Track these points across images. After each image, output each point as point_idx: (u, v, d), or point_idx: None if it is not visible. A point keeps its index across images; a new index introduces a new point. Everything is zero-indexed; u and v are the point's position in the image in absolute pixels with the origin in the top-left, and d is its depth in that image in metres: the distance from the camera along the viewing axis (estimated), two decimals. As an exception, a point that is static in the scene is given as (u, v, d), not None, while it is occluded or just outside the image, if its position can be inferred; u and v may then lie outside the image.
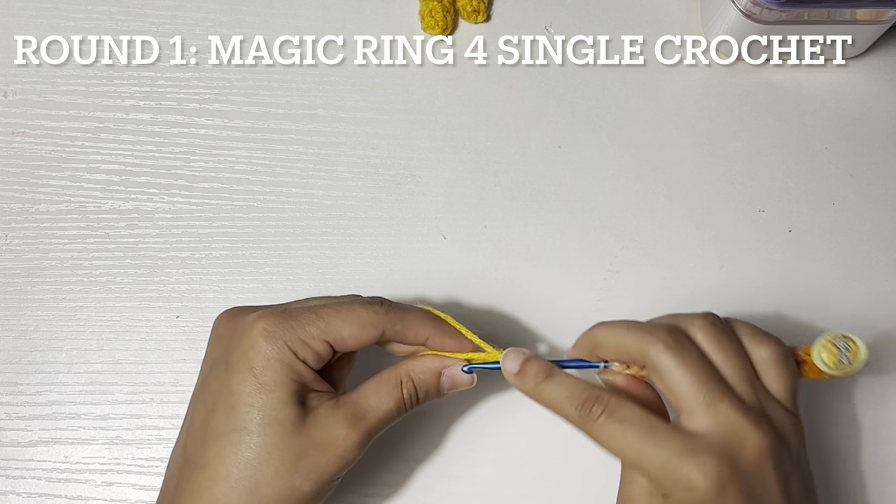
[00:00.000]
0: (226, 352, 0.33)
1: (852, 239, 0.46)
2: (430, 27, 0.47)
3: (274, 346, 0.32)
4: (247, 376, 0.32)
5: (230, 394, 0.32)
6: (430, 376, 0.36)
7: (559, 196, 0.46)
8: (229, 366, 0.33)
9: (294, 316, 0.33)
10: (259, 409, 0.32)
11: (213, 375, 0.34)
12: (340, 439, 0.33)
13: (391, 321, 0.34)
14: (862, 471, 0.42)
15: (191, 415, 0.34)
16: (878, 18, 0.45)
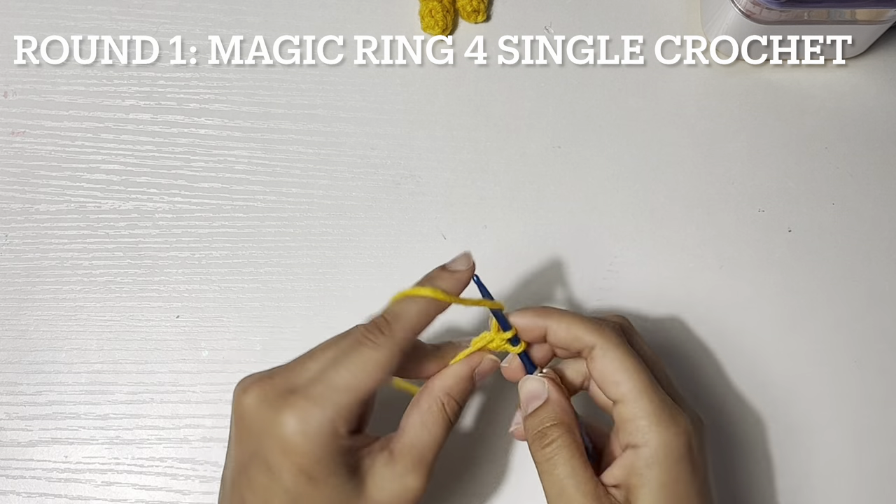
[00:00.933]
0: (260, 448, 0.31)
1: (852, 239, 0.46)
2: (430, 27, 0.47)
3: (312, 442, 0.31)
4: (297, 475, 0.31)
5: (285, 492, 0.31)
6: (466, 384, 0.35)
7: (559, 196, 0.46)
8: (271, 466, 0.31)
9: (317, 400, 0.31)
10: (322, 501, 0.31)
11: (256, 468, 0.32)
12: (409, 490, 0.32)
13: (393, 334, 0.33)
14: (862, 471, 0.42)
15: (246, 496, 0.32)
16: (878, 18, 0.45)
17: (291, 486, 0.31)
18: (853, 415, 0.43)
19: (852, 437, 0.42)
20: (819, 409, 0.43)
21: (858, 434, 0.42)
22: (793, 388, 0.43)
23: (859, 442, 0.42)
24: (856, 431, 0.43)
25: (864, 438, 0.42)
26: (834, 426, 0.43)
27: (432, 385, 0.35)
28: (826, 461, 0.42)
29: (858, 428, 0.43)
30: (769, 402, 0.43)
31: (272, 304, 0.44)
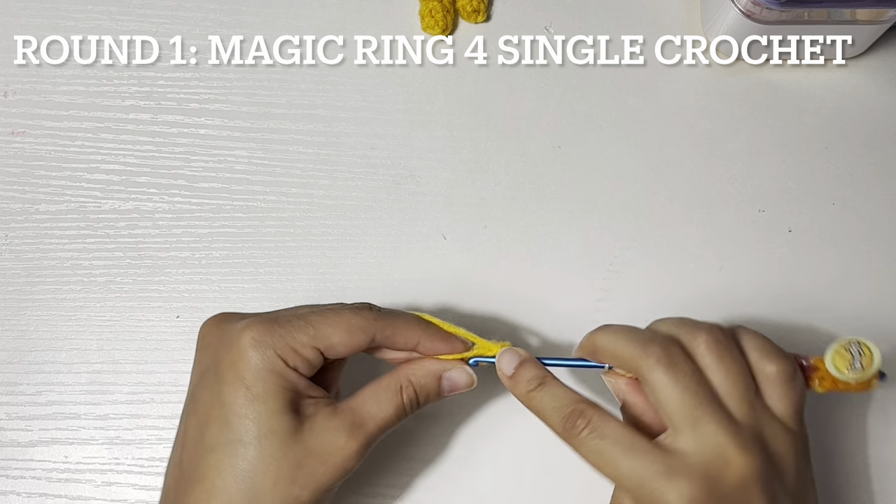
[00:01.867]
0: (214, 362, 0.33)
1: (852, 239, 0.46)
2: (430, 27, 0.47)
3: (263, 356, 0.32)
4: (238, 388, 0.32)
5: (222, 405, 0.32)
6: (431, 380, 0.35)
7: (559, 196, 0.46)
8: (219, 377, 0.32)
9: (282, 324, 0.33)
10: (253, 421, 0.31)
11: (202, 385, 0.33)
12: (339, 448, 0.32)
13: (380, 326, 0.34)
14: (863, 472, 0.42)
15: (184, 426, 0.33)
16: (878, 18, 0.45)
17: (230, 399, 0.32)
18: (853, 415, 0.43)
19: (852, 437, 0.42)
20: (819, 410, 0.43)
21: (858, 434, 0.42)
22: (793, 388, 0.43)
23: (859, 442, 0.42)
24: (856, 431, 0.43)
25: (864, 438, 0.42)
26: (834, 426, 0.43)
27: (402, 368, 0.35)
28: (826, 461, 0.42)
29: (858, 428, 0.43)
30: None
31: (272, 304, 0.44)
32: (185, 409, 0.34)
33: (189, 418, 0.33)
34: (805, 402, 0.34)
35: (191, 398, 0.34)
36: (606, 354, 0.35)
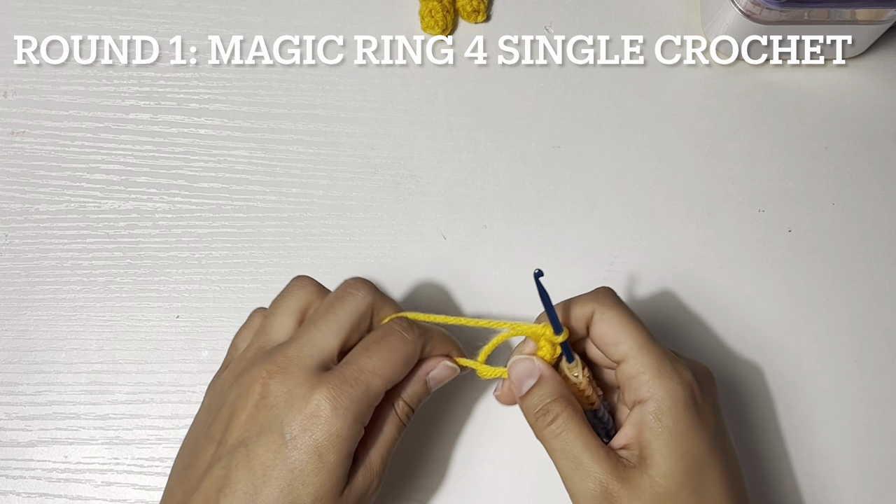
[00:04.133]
0: (276, 423, 0.32)
1: (852, 239, 0.46)
2: (430, 27, 0.47)
3: (344, 423, 0.31)
4: (311, 455, 0.31)
5: (289, 471, 0.31)
6: (419, 387, 0.36)
7: (559, 196, 0.46)
8: (286, 441, 0.31)
9: (353, 383, 0.32)
10: (318, 487, 0.31)
11: (264, 444, 0.31)
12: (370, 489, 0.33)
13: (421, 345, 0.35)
14: (862, 471, 0.42)
15: (232, 474, 0.31)
16: (878, 18, 0.45)
17: (298, 465, 0.31)
18: (853, 415, 0.43)
19: (852, 437, 0.42)
20: (819, 409, 0.43)
21: (858, 434, 0.42)
22: (793, 388, 0.43)
23: (859, 442, 0.42)
24: (856, 431, 0.43)
25: (864, 438, 0.42)
26: (834, 426, 0.43)
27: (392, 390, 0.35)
28: (826, 461, 0.42)
29: (858, 428, 0.43)
30: (769, 402, 0.43)
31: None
32: (235, 456, 0.32)
33: (239, 469, 0.31)
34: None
35: (244, 449, 0.32)
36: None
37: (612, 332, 0.34)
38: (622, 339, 0.34)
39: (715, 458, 0.33)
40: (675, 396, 0.32)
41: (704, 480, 0.32)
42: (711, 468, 0.33)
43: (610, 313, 0.34)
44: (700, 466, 0.32)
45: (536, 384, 0.34)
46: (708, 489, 0.32)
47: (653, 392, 0.32)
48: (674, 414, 0.32)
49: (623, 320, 0.34)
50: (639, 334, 0.34)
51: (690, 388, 0.33)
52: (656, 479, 0.32)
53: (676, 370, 0.33)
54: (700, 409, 0.33)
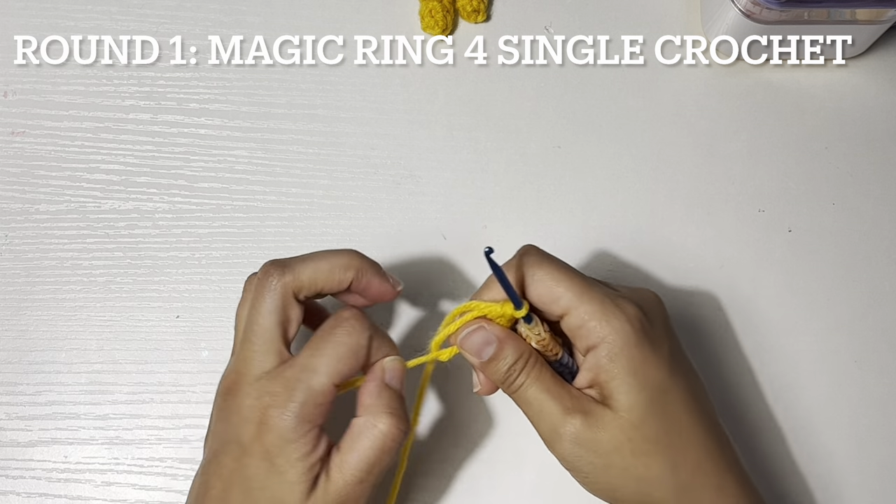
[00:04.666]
0: (238, 432, 0.33)
1: (852, 239, 0.46)
2: (430, 27, 0.47)
3: (288, 426, 0.32)
4: (263, 461, 0.32)
5: (246, 478, 0.32)
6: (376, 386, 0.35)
7: (559, 196, 0.46)
8: (244, 450, 0.33)
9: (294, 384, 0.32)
10: (273, 492, 0.32)
11: (226, 452, 0.33)
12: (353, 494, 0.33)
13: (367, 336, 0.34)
14: (863, 471, 0.42)
15: (205, 484, 0.34)
16: (878, 18, 0.45)
17: (253, 471, 0.32)
18: (853, 415, 0.43)
19: (852, 437, 0.42)
20: (819, 409, 0.43)
21: (858, 434, 0.42)
22: (793, 388, 0.43)
23: (859, 442, 0.42)
24: (856, 431, 0.43)
25: (864, 438, 0.42)
26: (834, 426, 0.43)
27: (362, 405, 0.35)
28: (826, 461, 0.42)
29: (858, 428, 0.43)
30: (769, 402, 0.43)
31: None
32: (206, 466, 0.34)
33: (213, 478, 0.33)
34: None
35: (215, 459, 0.34)
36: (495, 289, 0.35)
37: (547, 290, 0.34)
38: (558, 293, 0.33)
39: (675, 381, 0.33)
40: (625, 334, 0.32)
41: (669, 405, 0.33)
42: (674, 391, 0.33)
43: (539, 272, 0.34)
44: (662, 393, 0.33)
45: (497, 350, 0.34)
46: (673, 411, 0.33)
47: (602, 336, 0.33)
48: (626, 352, 0.32)
49: (554, 275, 0.34)
50: (573, 284, 0.33)
51: (639, 321, 0.33)
52: (620, 414, 0.32)
53: (620, 308, 0.33)
54: (652, 339, 0.33)
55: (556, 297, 0.33)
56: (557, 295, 0.33)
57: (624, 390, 0.32)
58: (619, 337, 0.32)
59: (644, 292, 0.36)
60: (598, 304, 0.33)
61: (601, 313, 0.33)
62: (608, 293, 0.34)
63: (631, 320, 0.33)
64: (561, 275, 0.34)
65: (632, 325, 0.33)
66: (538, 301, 0.34)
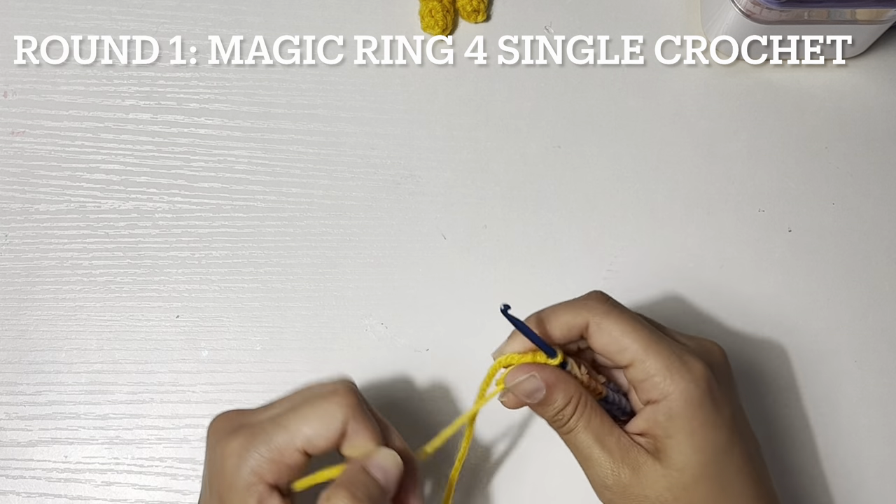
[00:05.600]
0: (207, 478, 0.33)
1: (852, 239, 0.46)
2: (430, 27, 0.47)
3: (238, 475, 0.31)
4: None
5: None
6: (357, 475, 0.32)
7: (559, 196, 0.46)
8: (210, 492, 0.32)
9: (257, 434, 0.31)
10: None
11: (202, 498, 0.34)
12: None
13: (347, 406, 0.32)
14: (862, 471, 0.42)
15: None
16: (878, 18, 0.45)
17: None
18: (853, 415, 0.43)
19: (852, 437, 0.42)
20: (819, 409, 0.43)
21: (858, 434, 0.42)
22: (793, 388, 0.43)
23: (859, 442, 0.42)
24: (856, 431, 0.43)
25: (864, 438, 0.42)
26: (834, 426, 0.43)
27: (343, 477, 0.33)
28: (826, 461, 0.42)
29: (858, 428, 0.43)
30: (769, 402, 0.43)
31: (272, 304, 0.44)
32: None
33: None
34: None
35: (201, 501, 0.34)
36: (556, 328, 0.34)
37: (613, 340, 0.33)
38: (625, 345, 0.33)
39: (734, 445, 0.33)
40: (689, 396, 0.32)
41: (724, 468, 0.32)
42: (730, 455, 0.32)
43: (606, 322, 0.33)
44: (718, 455, 0.32)
45: (547, 395, 0.33)
46: (727, 475, 0.32)
47: (665, 393, 0.32)
48: (688, 413, 0.32)
49: (622, 326, 0.33)
50: (640, 336, 0.33)
51: (706, 383, 0.32)
52: (672, 472, 0.32)
53: (687, 367, 0.32)
54: (716, 400, 0.32)
55: (623, 347, 0.33)
56: (623, 346, 0.33)
57: (679, 450, 0.32)
58: (683, 396, 0.32)
59: (711, 347, 0.35)
60: (664, 360, 0.32)
61: (667, 369, 0.32)
62: (675, 349, 0.33)
63: (697, 380, 0.32)
64: (627, 326, 0.33)
65: (697, 386, 0.32)
66: (603, 350, 0.34)
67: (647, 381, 0.32)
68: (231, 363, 0.43)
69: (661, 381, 0.32)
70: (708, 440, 0.32)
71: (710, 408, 0.32)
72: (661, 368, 0.32)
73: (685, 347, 0.33)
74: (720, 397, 0.33)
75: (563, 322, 0.34)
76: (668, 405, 0.32)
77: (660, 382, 0.32)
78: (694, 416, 0.32)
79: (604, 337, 0.33)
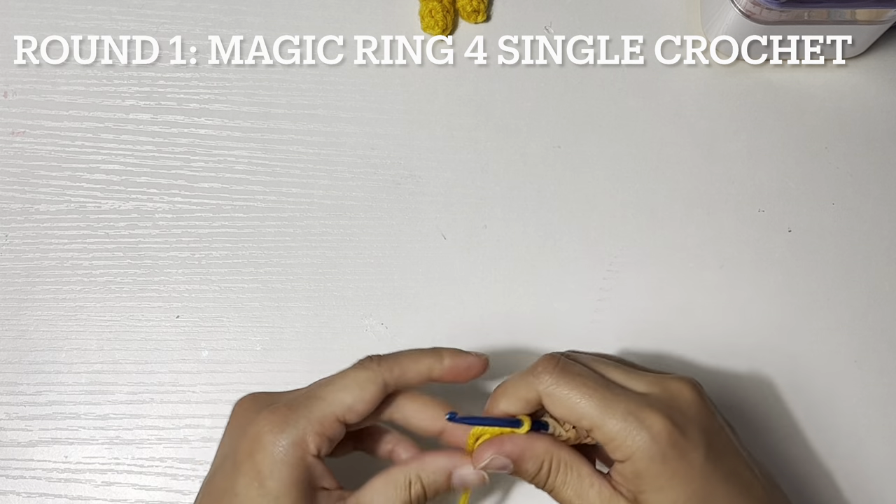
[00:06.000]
0: (233, 449, 0.33)
1: (852, 239, 0.46)
2: (430, 27, 0.47)
3: (281, 448, 0.31)
4: (252, 481, 0.31)
5: (234, 495, 0.32)
6: (441, 477, 0.34)
7: (559, 196, 0.46)
8: (236, 465, 0.32)
9: (296, 408, 0.32)
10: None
11: (221, 471, 0.33)
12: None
13: (386, 368, 0.34)
14: (862, 471, 0.42)
15: (200, 499, 0.34)
16: (878, 18, 0.45)
17: (242, 492, 0.31)
18: (853, 415, 0.43)
19: (852, 437, 0.42)
20: (819, 409, 0.43)
21: (858, 434, 0.42)
22: (792, 388, 0.43)
23: (859, 442, 0.42)
24: (856, 431, 0.43)
25: (864, 438, 0.42)
26: (834, 426, 0.43)
27: (412, 460, 0.35)
28: (826, 461, 0.42)
29: (858, 428, 0.43)
30: (768, 402, 0.43)
31: (272, 304, 0.44)
32: (203, 485, 0.34)
33: (204, 498, 0.33)
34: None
35: (209, 478, 0.34)
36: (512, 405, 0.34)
37: (568, 410, 0.33)
38: (580, 412, 0.32)
39: (712, 489, 0.32)
40: (650, 454, 0.31)
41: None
42: (711, 497, 0.32)
43: (557, 391, 0.33)
44: (697, 501, 0.32)
45: (516, 467, 0.34)
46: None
47: (627, 454, 0.32)
48: (652, 471, 0.32)
49: (572, 396, 0.33)
50: (593, 401, 0.32)
51: (665, 435, 0.32)
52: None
53: (644, 424, 0.31)
54: (682, 448, 0.32)
55: (579, 415, 0.33)
56: (579, 413, 0.33)
57: (654, 501, 0.32)
58: (644, 455, 0.31)
59: (678, 389, 0.34)
60: (620, 421, 0.32)
61: (625, 431, 0.32)
62: (631, 406, 0.32)
63: (656, 437, 0.31)
64: (579, 392, 0.32)
65: (656, 442, 0.31)
66: (562, 419, 0.34)
67: (610, 444, 0.32)
68: (231, 363, 0.43)
69: (622, 443, 0.32)
70: (679, 493, 0.32)
71: (676, 459, 0.32)
72: (619, 431, 0.32)
73: (644, 400, 0.32)
74: (687, 445, 0.32)
75: (519, 398, 0.34)
76: (633, 465, 0.32)
77: (620, 445, 0.32)
78: (660, 473, 0.32)
79: (558, 408, 0.33)
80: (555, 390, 0.33)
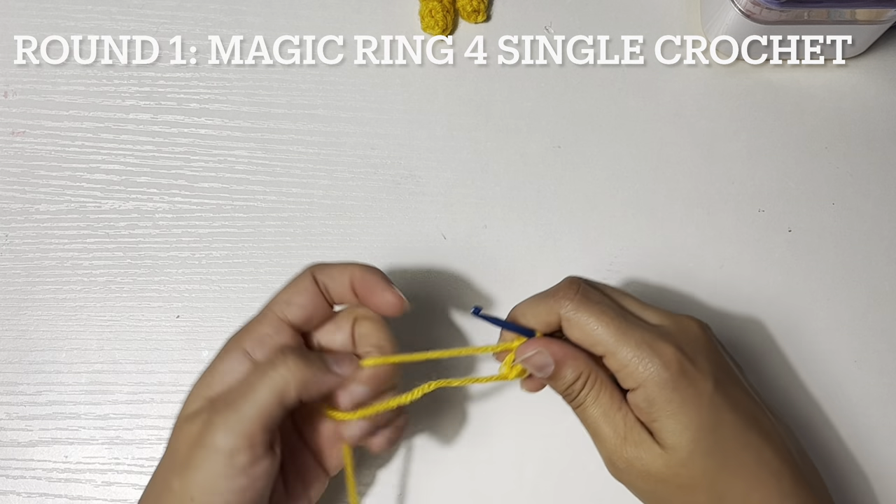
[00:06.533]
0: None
1: (852, 239, 0.46)
2: (430, 27, 0.48)
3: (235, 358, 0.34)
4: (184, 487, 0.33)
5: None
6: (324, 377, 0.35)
7: (559, 196, 0.46)
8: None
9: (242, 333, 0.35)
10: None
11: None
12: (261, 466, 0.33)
13: (318, 268, 0.36)
14: (863, 472, 0.42)
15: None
16: (878, 18, 0.45)
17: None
18: (853, 415, 0.43)
19: (852, 437, 0.42)
20: (819, 409, 0.43)
21: (858, 434, 0.42)
22: (792, 388, 0.43)
23: (859, 442, 0.42)
24: (856, 431, 0.43)
25: (864, 438, 0.42)
26: (834, 426, 0.43)
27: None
28: (826, 461, 0.42)
29: (858, 428, 0.43)
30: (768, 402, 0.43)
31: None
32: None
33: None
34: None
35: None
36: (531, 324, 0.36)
37: (585, 335, 0.34)
38: (596, 338, 0.34)
39: (721, 418, 0.33)
40: (661, 381, 0.32)
41: (719, 442, 0.33)
42: (721, 429, 0.33)
43: (576, 316, 0.34)
44: (709, 430, 0.33)
45: (556, 370, 0.35)
46: (725, 449, 0.33)
47: (639, 381, 0.33)
48: (664, 397, 0.33)
49: (590, 322, 0.34)
50: (610, 328, 0.33)
51: (676, 363, 0.33)
52: (666, 451, 0.33)
53: (656, 352, 0.33)
54: (691, 377, 0.33)
55: (595, 341, 0.34)
56: (595, 339, 0.34)
57: (666, 431, 0.33)
58: (655, 382, 0.33)
59: (687, 324, 0.35)
60: (633, 349, 0.33)
61: (637, 358, 0.33)
62: (645, 336, 0.33)
63: (667, 364, 0.33)
64: (597, 318, 0.34)
65: (668, 370, 0.33)
66: (578, 343, 0.35)
67: (622, 370, 0.33)
68: (231, 363, 0.43)
69: (634, 369, 0.33)
70: (691, 418, 0.33)
71: (686, 387, 0.33)
72: (632, 358, 0.33)
73: (656, 331, 0.34)
74: (696, 374, 0.33)
75: (539, 320, 0.35)
76: (645, 392, 0.33)
77: (633, 371, 0.33)
78: (671, 399, 0.33)
79: (576, 331, 0.34)
80: (574, 315, 0.34)
